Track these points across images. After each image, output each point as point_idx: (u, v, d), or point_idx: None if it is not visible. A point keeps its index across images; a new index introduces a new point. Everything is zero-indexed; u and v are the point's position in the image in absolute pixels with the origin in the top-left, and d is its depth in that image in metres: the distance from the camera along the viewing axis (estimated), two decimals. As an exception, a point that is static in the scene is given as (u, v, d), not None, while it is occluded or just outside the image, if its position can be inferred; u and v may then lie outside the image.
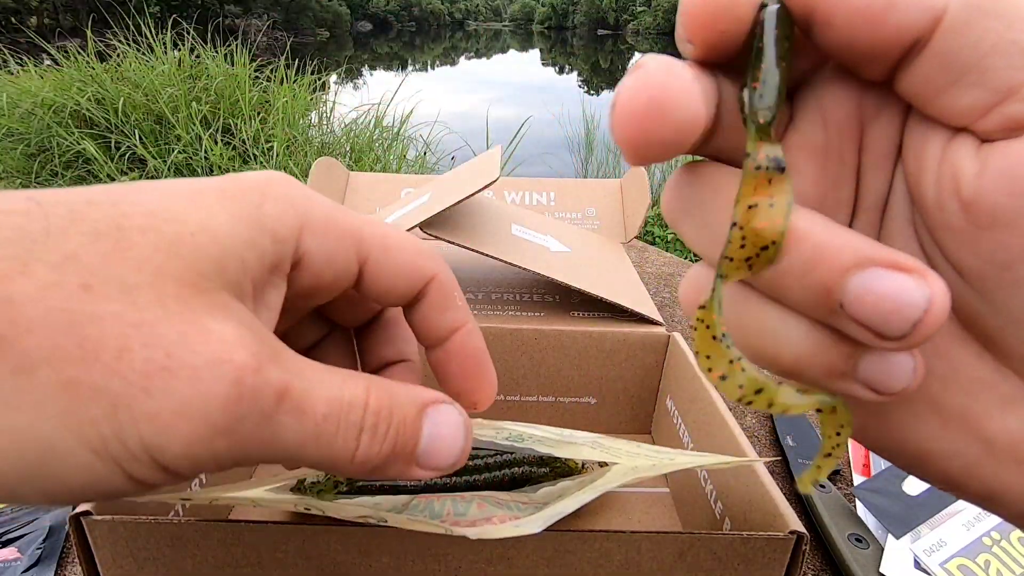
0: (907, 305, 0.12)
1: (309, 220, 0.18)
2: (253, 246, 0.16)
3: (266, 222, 0.16)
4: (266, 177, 0.18)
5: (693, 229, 0.15)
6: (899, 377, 0.13)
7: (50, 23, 18.50)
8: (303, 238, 0.17)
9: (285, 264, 0.17)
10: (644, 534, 0.26)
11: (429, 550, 0.27)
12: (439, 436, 0.18)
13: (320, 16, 34.10)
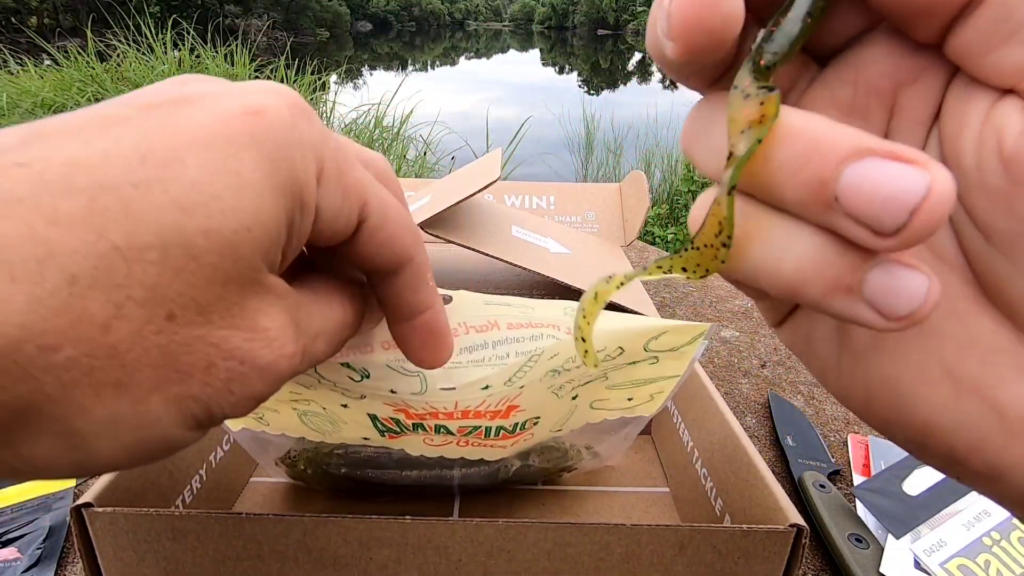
0: (903, 192, 0.11)
1: (324, 173, 0.18)
2: (287, 220, 0.17)
3: (296, 187, 0.17)
4: (290, 116, 0.17)
5: (702, 154, 0.15)
6: (908, 297, 0.12)
7: (50, 23, 18.51)
8: (319, 192, 0.18)
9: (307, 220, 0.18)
10: (645, 527, 0.26)
11: (430, 542, 0.27)
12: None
13: (320, 16, 34.10)
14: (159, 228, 0.14)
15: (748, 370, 0.64)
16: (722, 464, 0.36)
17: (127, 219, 0.14)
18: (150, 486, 0.31)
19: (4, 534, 0.40)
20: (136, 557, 0.28)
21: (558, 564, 0.27)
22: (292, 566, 0.28)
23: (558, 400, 0.28)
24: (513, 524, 0.26)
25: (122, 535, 0.27)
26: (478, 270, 0.56)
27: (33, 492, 0.45)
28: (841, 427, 0.56)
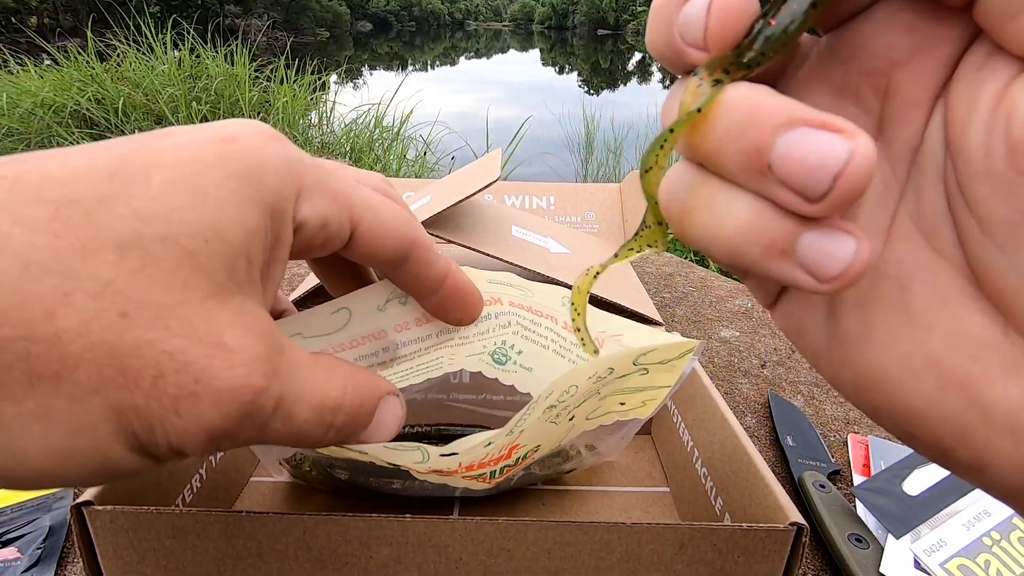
0: (828, 159, 0.12)
1: (304, 187, 0.18)
2: (257, 233, 0.17)
3: (268, 199, 0.17)
4: (262, 138, 0.18)
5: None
6: (838, 258, 0.13)
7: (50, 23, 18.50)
8: (299, 205, 0.18)
9: (286, 236, 0.18)
10: (645, 526, 0.26)
11: (430, 541, 0.27)
12: (382, 424, 0.21)
13: (320, 16, 34.10)
14: (116, 235, 0.15)
15: (748, 370, 0.64)
16: (722, 464, 0.36)
17: (88, 227, 0.14)
18: (150, 484, 0.31)
19: (4, 534, 0.40)
20: (136, 555, 0.28)
21: (558, 563, 0.27)
22: (292, 565, 0.28)
23: (556, 427, 0.28)
24: (513, 523, 0.26)
25: (122, 533, 0.27)
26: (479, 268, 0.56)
27: (33, 492, 0.45)
28: (841, 427, 0.56)
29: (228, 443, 0.17)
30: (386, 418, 0.21)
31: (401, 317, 0.25)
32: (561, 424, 0.29)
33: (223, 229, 0.16)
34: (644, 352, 0.26)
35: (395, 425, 0.22)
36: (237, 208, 0.16)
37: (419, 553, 0.27)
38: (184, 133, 0.17)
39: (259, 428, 0.17)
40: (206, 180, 0.16)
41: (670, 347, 0.26)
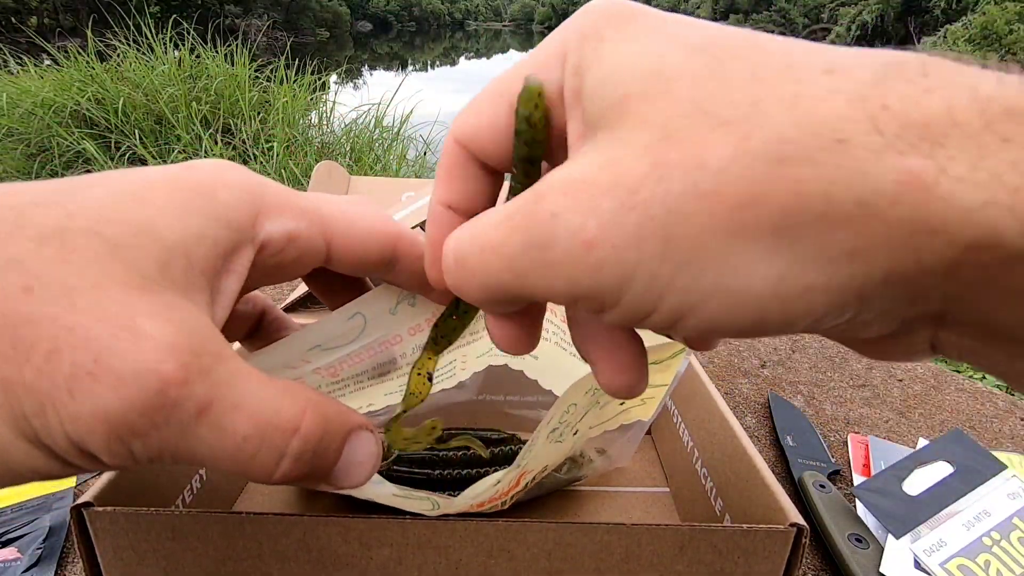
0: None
1: (265, 204, 0.18)
2: (202, 239, 0.16)
3: (219, 211, 0.17)
4: (219, 165, 0.18)
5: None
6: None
7: (50, 23, 18.49)
8: (261, 222, 0.18)
9: (244, 249, 0.18)
10: (645, 527, 0.26)
11: (430, 542, 0.27)
12: (354, 462, 0.19)
13: (320, 16, 34.09)
14: (42, 225, 0.15)
15: (748, 370, 0.64)
16: (722, 464, 0.36)
17: (14, 222, 0.14)
18: (150, 486, 0.31)
19: (4, 534, 0.40)
20: (136, 557, 0.28)
21: (558, 564, 0.27)
22: (292, 566, 0.28)
23: (561, 444, 0.29)
24: (513, 524, 0.26)
25: (122, 535, 0.27)
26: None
27: (33, 492, 0.45)
28: (841, 427, 0.56)
29: (140, 444, 0.14)
30: (359, 456, 0.19)
31: (413, 319, 0.24)
32: (566, 441, 0.29)
33: (157, 229, 0.16)
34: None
35: (370, 465, 0.19)
36: (178, 214, 0.16)
37: (419, 554, 0.27)
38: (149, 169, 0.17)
39: (179, 432, 0.15)
40: (152, 193, 0.16)
41: (662, 348, 0.26)
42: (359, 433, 0.19)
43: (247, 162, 2.72)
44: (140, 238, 0.15)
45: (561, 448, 0.29)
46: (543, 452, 0.27)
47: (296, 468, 0.17)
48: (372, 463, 0.19)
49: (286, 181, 2.61)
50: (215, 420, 0.15)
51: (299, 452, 0.17)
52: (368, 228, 0.21)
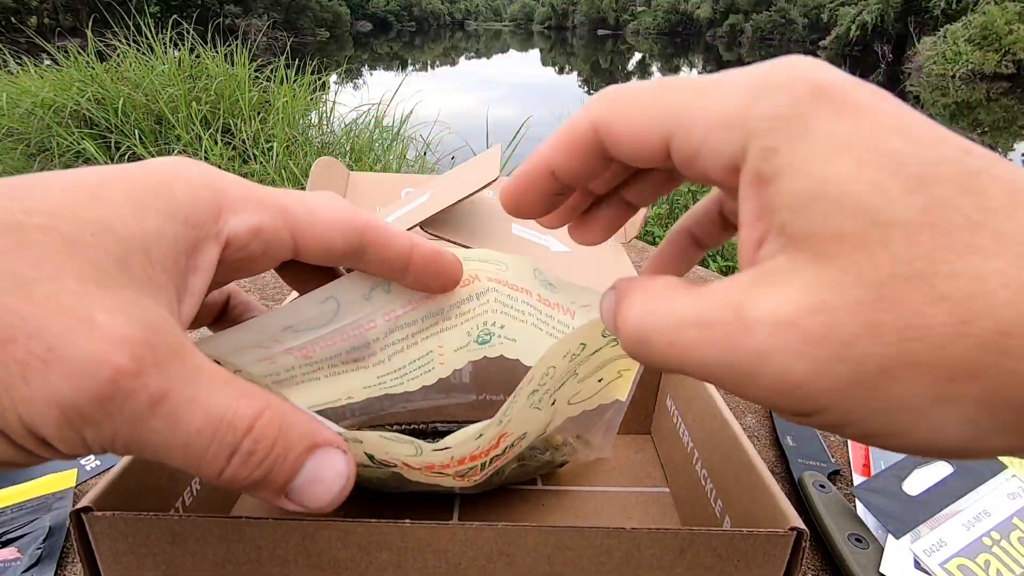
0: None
1: (227, 199, 0.18)
2: (161, 236, 0.17)
3: (177, 208, 0.17)
4: (176, 162, 0.18)
5: None
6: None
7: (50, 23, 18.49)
8: (225, 217, 0.18)
9: (208, 246, 0.18)
10: (645, 531, 0.26)
11: (430, 546, 0.27)
12: (317, 479, 0.18)
13: (320, 16, 34.07)
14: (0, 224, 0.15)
15: (748, 371, 0.64)
16: (722, 465, 0.36)
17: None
18: (149, 489, 0.31)
19: (4, 534, 0.40)
20: (135, 560, 0.28)
21: (558, 568, 0.27)
22: (292, 570, 0.28)
23: (540, 412, 0.28)
24: (512, 528, 0.26)
25: (121, 539, 0.27)
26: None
27: (33, 492, 0.45)
28: (841, 428, 0.56)
29: (92, 431, 0.15)
30: (323, 474, 0.18)
31: (387, 306, 0.25)
32: (544, 409, 0.29)
33: (115, 226, 0.16)
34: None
35: (337, 487, 0.19)
36: (136, 211, 0.16)
37: (419, 558, 0.27)
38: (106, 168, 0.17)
39: (132, 421, 0.15)
40: (108, 190, 0.16)
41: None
42: (327, 450, 0.18)
43: (247, 162, 2.72)
44: (98, 236, 0.15)
45: (540, 417, 0.29)
46: (523, 416, 0.27)
47: (246, 469, 0.17)
48: (339, 485, 0.19)
49: (286, 181, 2.61)
50: (169, 412, 0.15)
51: (250, 451, 0.17)
52: (333, 218, 0.21)
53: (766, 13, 37.06)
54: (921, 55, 16.39)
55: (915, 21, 21.13)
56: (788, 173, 0.14)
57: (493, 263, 0.27)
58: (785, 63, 0.16)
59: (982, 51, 15.01)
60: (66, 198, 0.16)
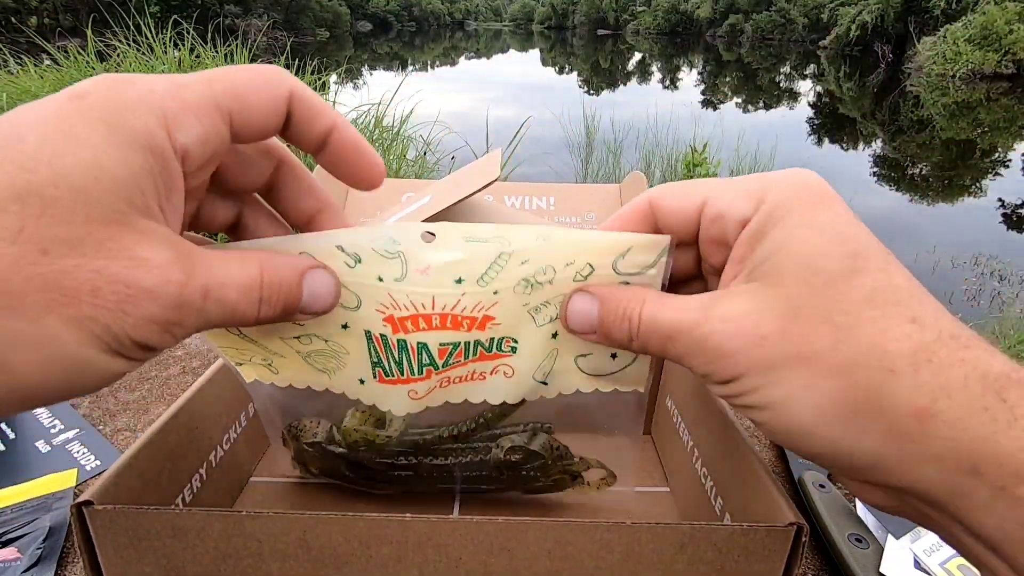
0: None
1: (168, 117, 0.20)
2: (143, 171, 0.19)
3: (140, 140, 0.19)
4: (112, 87, 0.20)
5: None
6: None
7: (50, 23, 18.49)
8: (174, 136, 0.20)
9: (173, 167, 0.20)
10: (645, 526, 0.26)
11: (430, 540, 0.27)
12: (314, 293, 0.24)
13: (320, 16, 34.08)
14: (12, 187, 0.17)
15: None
16: (722, 464, 0.36)
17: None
18: (151, 484, 0.32)
19: (4, 534, 0.40)
20: (136, 555, 0.28)
21: (558, 563, 0.27)
22: (292, 564, 0.28)
23: (536, 327, 0.28)
24: (513, 522, 0.26)
25: (122, 533, 0.27)
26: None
27: (33, 492, 0.45)
28: (841, 426, 0.56)
29: (180, 330, 0.20)
30: (317, 288, 0.25)
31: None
32: (542, 330, 0.28)
33: (109, 167, 0.19)
34: (622, 252, 0.26)
35: (328, 291, 0.25)
36: (115, 150, 0.19)
37: (419, 552, 0.27)
38: (46, 99, 0.19)
39: (199, 314, 0.20)
40: (76, 130, 0.18)
41: (645, 243, 0.26)
42: (312, 271, 0.24)
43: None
44: (101, 181, 0.18)
45: (535, 338, 0.28)
46: (514, 308, 0.27)
47: (271, 310, 0.23)
48: (331, 291, 0.25)
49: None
50: (216, 297, 0.21)
51: (267, 298, 0.23)
52: (258, 96, 0.22)
53: (766, 13, 37.07)
54: (921, 55, 16.39)
55: (915, 21, 21.13)
56: (772, 234, 0.22)
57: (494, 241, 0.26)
58: (789, 170, 0.24)
59: (982, 51, 15.01)
60: (50, 148, 0.18)
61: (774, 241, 0.22)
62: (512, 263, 0.26)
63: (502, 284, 0.26)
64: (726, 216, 0.24)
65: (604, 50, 31.79)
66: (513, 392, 0.30)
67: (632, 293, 0.26)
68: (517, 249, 0.26)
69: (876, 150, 8.52)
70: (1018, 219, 5.54)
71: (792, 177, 0.23)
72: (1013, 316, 2.87)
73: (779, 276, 0.22)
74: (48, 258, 0.18)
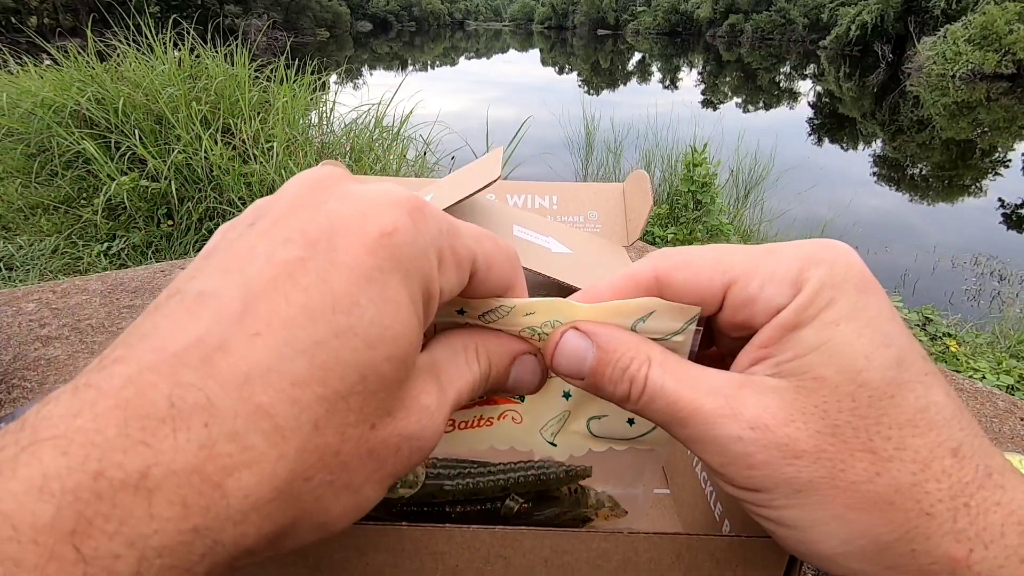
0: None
1: (443, 259, 0.21)
2: (421, 313, 0.20)
3: (426, 287, 0.20)
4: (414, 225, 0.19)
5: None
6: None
7: (50, 23, 18.50)
8: (439, 281, 0.20)
9: (432, 308, 0.21)
10: (642, 535, 0.26)
11: (426, 548, 0.27)
12: (519, 379, 0.25)
13: (320, 16, 34.08)
14: (359, 367, 0.18)
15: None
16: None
17: (339, 367, 0.17)
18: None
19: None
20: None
21: (555, 571, 0.27)
22: (289, 571, 0.28)
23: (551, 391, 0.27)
24: (510, 531, 0.26)
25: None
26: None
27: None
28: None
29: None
30: (522, 375, 0.25)
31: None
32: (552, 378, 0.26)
33: (413, 324, 0.19)
34: (644, 314, 0.23)
35: (536, 379, 0.25)
36: (414, 304, 0.19)
37: (415, 560, 0.27)
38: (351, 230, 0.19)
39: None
40: (393, 291, 0.19)
41: (672, 309, 0.23)
42: (521, 358, 0.25)
43: (247, 162, 2.71)
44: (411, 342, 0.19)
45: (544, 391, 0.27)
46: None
47: (486, 389, 0.24)
48: (536, 378, 0.25)
49: (286, 181, 2.60)
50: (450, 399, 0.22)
51: (484, 382, 0.24)
52: (500, 274, 0.23)
53: (766, 13, 37.07)
54: (921, 55, 16.40)
55: (915, 21, 21.13)
56: (812, 326, 0.20)
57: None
58: (827, 244, 0.22)
59: (982, 51, 15.01)
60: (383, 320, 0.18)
61: (814, 335, 0.20)
62: (516, 312, 0.24)
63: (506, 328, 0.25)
64: (758, 302, 0.21)
65: (604, 50, 31.79)
66: (522, 440, 0.28)
67: (637, 345, 0.23)
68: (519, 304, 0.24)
69: (876, 150, 8.53)
70: (1018, 219, 5.54)
71: (834, 256, 0.21)
72: (1013, 316, 2.87)
73: (817, 380, 0.20)
74: (375, 431, 0.19)
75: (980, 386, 0.79)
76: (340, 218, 0.19)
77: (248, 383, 0.16)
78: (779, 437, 0.20)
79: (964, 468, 0.19)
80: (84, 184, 2.73)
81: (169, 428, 0.15)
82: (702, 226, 3.18)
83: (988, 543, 0.18)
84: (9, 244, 2.42)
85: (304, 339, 0.17)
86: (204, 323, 0.17)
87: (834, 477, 0.19)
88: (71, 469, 0.14)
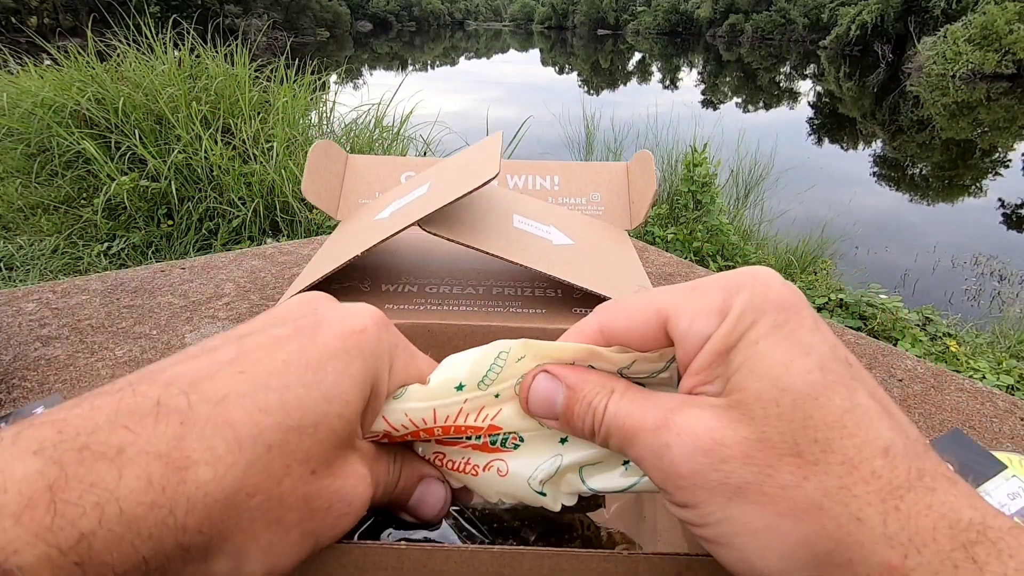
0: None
1: (393, 367, 0.25)
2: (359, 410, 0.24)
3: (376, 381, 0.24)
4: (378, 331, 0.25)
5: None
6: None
7: (50, 23, 18.51)
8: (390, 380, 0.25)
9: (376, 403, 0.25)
10: (643, 556, 0.26)
11: (426, 567, 0.27)
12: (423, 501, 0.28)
13: (320, 16, 34.10)
14: (316, 414, 0.22)
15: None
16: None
17: (300, 408, 0.21)
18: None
19: None
20: None
21: (555, 589, 0.27)
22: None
23: (540, 427, 0.26)
24: (508, 551, 0.26)
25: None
26: (479, 264, 0.55)
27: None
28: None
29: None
30: (427, 498, 0.27)
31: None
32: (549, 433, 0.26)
33: (360, 403, 0.23)
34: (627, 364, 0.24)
35: (437, 504, 0.28)
36: (364, 388, 0.24)
37: (414, 578, 0.27)
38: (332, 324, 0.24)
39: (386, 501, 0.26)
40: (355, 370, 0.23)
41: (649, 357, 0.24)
42: (428, 481, 0.27)
43: (247, 162, 2.71)
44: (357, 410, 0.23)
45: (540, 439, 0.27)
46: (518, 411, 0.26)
47: (391, 493, 0.26)
48: (438, 504, 0.28)
49: (286, 181, 2.61)
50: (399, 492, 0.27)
51: (392, 489, 0.26)
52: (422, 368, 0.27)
53: (766, 13, 37.09)
54: (921, 55, 16.40)
55: (915, 21, 21.13)
56: (738, 347, 0.21)
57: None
58: (749, 272, 0.23)
59: (982, 51, 15.02)
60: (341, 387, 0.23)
61: (739, 355, 0.21)
62: (509, 362, 0.25)
63: (503, 385, 0.25)
64: (690, 336, 0.22)
65: (604, 50, 31.82)
66: (508, 492, 0.28)
67: (603, 381, 0.24)
68: (515, 346, 0.25)
69: (876, 150, 8.53)
70: (1018, 219, 5.54)
71: (753, 281, 0.22)
72: (1013, 316, 2.87)
73: (744, 392, 0.21)
74: (314, 479, 0.21)
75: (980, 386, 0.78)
76: (325, 317, 0.24)
77: (224, 401, 0.20)
78: (705, 442, 0.20)
79: (895, 469, 0.19)
80: (84, 184, 2.72)
81: (151, 420, 0.19)
82: (702, 226, 3.18)
83: (920, 547, 0.18)
84: (9, 244, 2.42)
85: (278, 382, 0.21)
86: (200, 363, 0.21)
87: (762, 483, 0.20)
88: (63, 441, 0.18)
